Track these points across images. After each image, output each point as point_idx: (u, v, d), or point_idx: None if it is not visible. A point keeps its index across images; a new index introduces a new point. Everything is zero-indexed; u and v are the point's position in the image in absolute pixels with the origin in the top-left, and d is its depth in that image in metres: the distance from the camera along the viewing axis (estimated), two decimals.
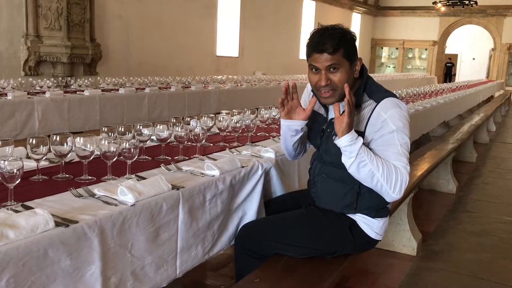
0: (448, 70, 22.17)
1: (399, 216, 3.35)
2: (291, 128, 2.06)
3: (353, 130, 1.84)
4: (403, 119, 1.90)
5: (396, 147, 1.88)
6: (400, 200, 3.00)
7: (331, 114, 2.03)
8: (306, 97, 2.22)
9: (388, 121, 1.88)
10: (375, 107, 1.92)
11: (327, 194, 2.06)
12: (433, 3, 18.55)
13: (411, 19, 21.53)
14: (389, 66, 23.29)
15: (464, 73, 22.09)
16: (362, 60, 2.01)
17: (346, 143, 1.82)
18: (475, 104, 10.55)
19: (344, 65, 1.88)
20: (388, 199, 1.95)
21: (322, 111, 2.11)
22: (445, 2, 18.16)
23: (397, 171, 1.85)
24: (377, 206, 2.04)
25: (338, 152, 1.93)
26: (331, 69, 1.87)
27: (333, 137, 1.94)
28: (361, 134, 1.91)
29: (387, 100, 1.92)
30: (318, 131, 2.09)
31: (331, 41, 1.84)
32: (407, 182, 1.87)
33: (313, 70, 1.92)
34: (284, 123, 2.08)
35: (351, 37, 1.91)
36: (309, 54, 1.92)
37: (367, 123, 1.93)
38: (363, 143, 1.86)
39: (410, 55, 22.93)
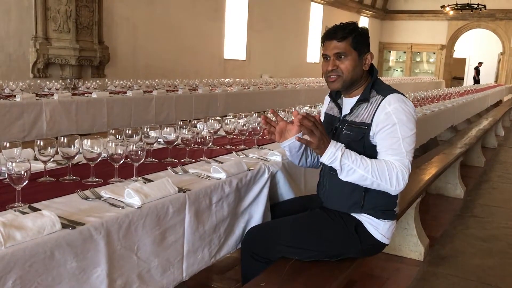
0: (477, 74, 21.77)
1: (406, 220, 3.33)
2: (292, 146, 2.11)
3: (330, 145, 1.88)
4: (407, 113, 1.95)
5: (397, 141, 1.92)
6: (407, 205, 2.99)
7: (345, 111, 2.10)
8: (325, 103, 2.31)
9: (391, 113, 1.93)
10: (382, 101, 1.98)
11: (335, 191, 2.07)
12: (441, 7, 18.47)
13: (419, 23, 21.45)
14: (396, 70, 23.21)
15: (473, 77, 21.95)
16: (372, 61, 2.07)
17: (327, 161, 1.90)
18: (484, 108, 10.49)
19: (352, 54, 1.99)
20: (392, 193, 1.97)
21: (336, 112, 2.17)
22: (454, 6, 18.08)
23: (389, 166, 1.89)
24: (383, 207, 2.05)
25: (348, 143, 1.99)
26: (339, 57, 1.99)
27: (343, 132, 2.05)
28: (368, 126, 1.97)
29: (393, 95, 1.98)
30: (330, 130, 2.14)
31: (341, 30, 1.99)
32: (406, 174, 1.91)
33: (325, 58, 2.04)
34: (284, 146, 2.12)
35: (362, 31, 2.03)
36: (322, 43, 2.06)
37: (373, 116, 1.97)
38: (362, 139, 1.97)
39: (418, 59, 22.84)
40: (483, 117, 8.51)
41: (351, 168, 1.88)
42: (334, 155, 1.88)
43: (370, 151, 1.98)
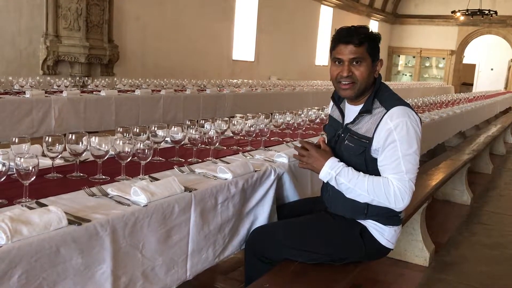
0: None
1: (412, 225, 3.31)
2: None
3: (326, 163, 1.95)
4: (410, 129, 1.89)
5: (397, 159, 1.88)
6: (414, 210, 2.97)
7: (347, 120, 2.07)
8: (330, 105, 2.30)
9: (392, 130, 1.88)
10: (384, 114, 1.92)
11: (339, 198, 2.05)
12: (452, 12, 18.37)
13: (429, 28, 21.36)
14: (405, 75, 23.13)
15: (482, 83, 21.81)
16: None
17: (324, 179, 2.00)
18: (492, 115, 10.41)
19: (367, 60, 1.94)
20: (396, 210, 1.97)
21: (338, 116, 2.15)
22: (464, 11, 17.98)
23: (386, 184, 1.88)
24: (388, 213, 2.02)
25: (349, 155, 1.99)
26: (354, 62, 1.94)
27: (345, 142, 2.01)
28: (370, 140, 1.94)
29: (396, 108, 1.92)
30: (333, 136, 2.13)
31: (358, 34, 1.92)
32: (406, 192, 1.88)
33: (336, 62, 1.98)
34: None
35: (376, 36, 1.98)
36: (333, 46, 1.98)
37: (375, 130, 1.93)
38: (364, 152, 1.95)
39: (427, 64, 22.74)
40: (491, 124, 8.45)
41: (348, 187, 1.94)
42: (329, 174, 1.95)
43: (371, 164, 1.96)
